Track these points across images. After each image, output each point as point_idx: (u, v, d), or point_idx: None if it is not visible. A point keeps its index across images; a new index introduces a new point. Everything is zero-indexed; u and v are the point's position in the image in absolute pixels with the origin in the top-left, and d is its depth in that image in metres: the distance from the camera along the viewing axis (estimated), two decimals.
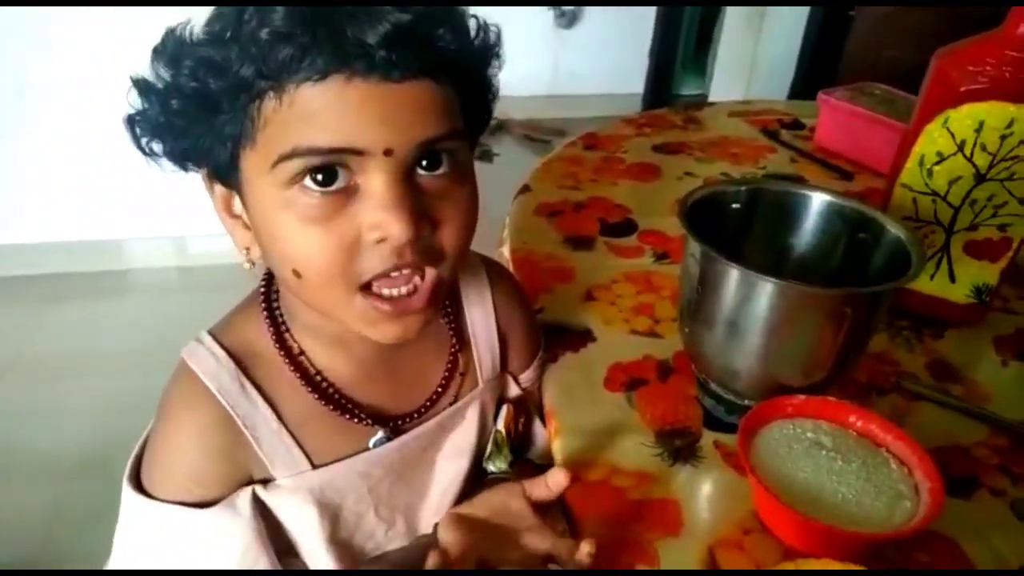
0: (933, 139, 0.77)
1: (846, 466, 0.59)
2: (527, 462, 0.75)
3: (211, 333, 0.58)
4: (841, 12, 2.74)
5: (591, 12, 3.63)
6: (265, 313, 0.58)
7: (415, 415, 0.64)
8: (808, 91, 1.45)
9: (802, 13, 3.00)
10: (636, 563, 0.57)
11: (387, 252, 0.48)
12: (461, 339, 0.67)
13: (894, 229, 0.66)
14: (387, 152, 0.45)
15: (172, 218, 2.42)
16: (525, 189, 1.14)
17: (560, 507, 0.64)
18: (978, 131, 0.73)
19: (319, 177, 0.46)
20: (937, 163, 0.77)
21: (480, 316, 0.69)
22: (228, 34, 0.44)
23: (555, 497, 0.60)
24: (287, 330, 0.59)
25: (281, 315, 0.59)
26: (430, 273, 0.51)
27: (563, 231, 1.02)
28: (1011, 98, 0.71)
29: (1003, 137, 0.73)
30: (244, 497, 0.56)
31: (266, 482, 0.58)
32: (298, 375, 0.58)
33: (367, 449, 0.61)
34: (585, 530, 0.60)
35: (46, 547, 1.57)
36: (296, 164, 0.45)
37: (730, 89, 3.40)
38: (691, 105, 1.54)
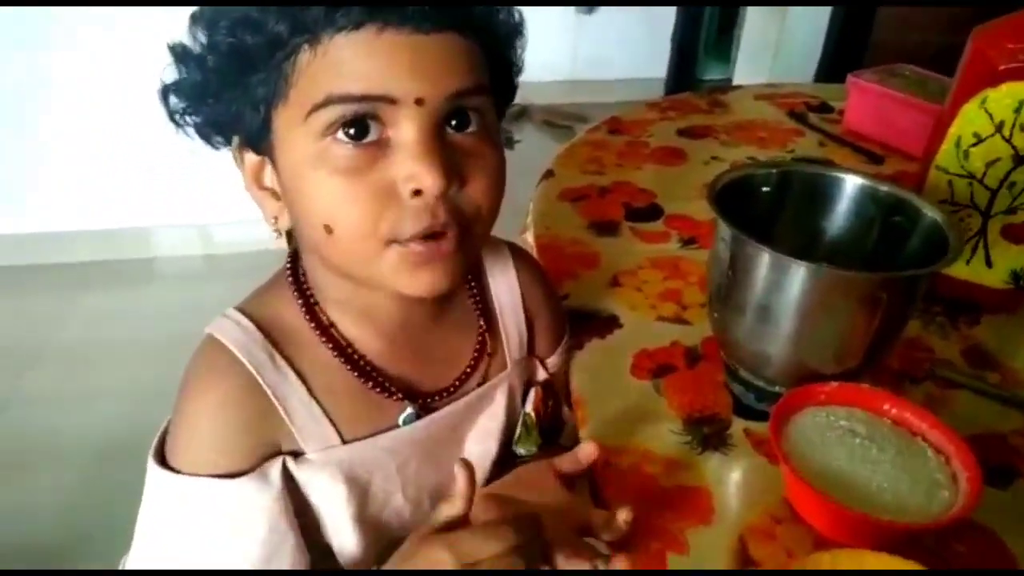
0: (970, 120, 0.75)
1: (881, 455, 0.57)
2: (557, 446, 0.74)
3: (239, 308, 0.58)
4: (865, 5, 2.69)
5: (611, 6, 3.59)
6: (293, 287, 0.58)
7: (444, 394, 0.63)
8: (833, 75, 1.43)
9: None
10: (666, 551, 0.56)
11: (421, 208, 0.48)
12: (489, 320, 0.67)
13: (930, 212, 0.65)
14: (419, 101, 0.46)
15: (198, 206, 2.44)
16: (549, 174, 1.12)
17: (589, 491, 0.63)
18: (1018, 111, 0.71)
19: (352, 131, 0.47)
20: (974, 144, 0.75)
21: (507, 298, 0.68)
22: (238, 18, 0.46)
23: (584, 470, 0.60)
24: (316, 303, 0.59)
25: (309, 289, 0.59)
26: (458, 228, 0.51)
27: (587, 216, 1.01)
28: None
29: None
30: (275, 468, 0.55)
31: (295, 456, 0.57)
32: (330, 346, 0.58)
33: (396, 426, 0.61)
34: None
35: (74, 532, 1.59)
36: (330, 113, 0.46)
37: (754, 74, 3.36)
38: (716, 88, 1.52)
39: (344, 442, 0.58)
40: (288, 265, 0.60)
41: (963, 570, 0.56)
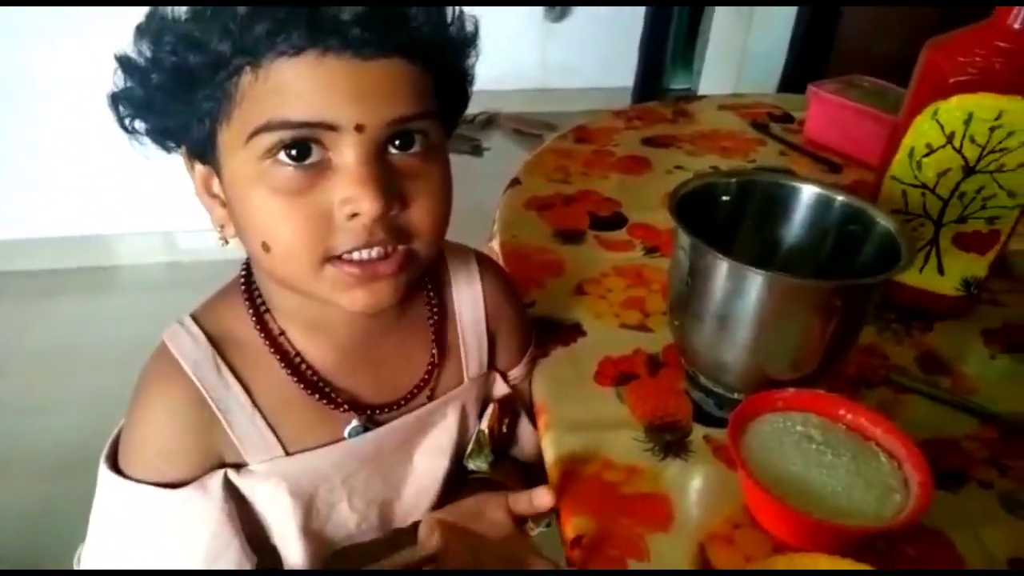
0: (923, 131, 0.76)
1: (836, 459, 0.58)
2: (510, 460, 0.74)
3: (193, 316, 0.58)
4: (830, 6, 2.74)
5: (580, 6, 3.62)
6: (245, 296, 0.58)
7: (394, 407, 0.63)
8: (798, 84, 1.45)
9: (791, 8, 3.01)
10: (627, 557, 0.57)
11: (358, 228, 0.48)
12: (443, 333, 0.67)
13: (884, 221, 0.66)
14: (358, 128, 0.46)
15: (162, 213, 2.41)
16: (515, 183, 1.13)
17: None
18: (967, 123, 0.73)
19: (293, 152, 0.47)
20: (926, 155, 0.77)
21: (469, 311, 0.68)
22: (208, 11, 0.46)
23: (536, 514, 0.62)
24: (267, 311, 0.59)
25: (261, 299, 0.59)
26: (401, 248, 0.51)
27: (553, 225, 1.02)
28: (1000, 89, 0.71)
29: (992, 129, 0.73)
30: (216, 479, 0.56)
31: (239, 467, 0.58)
32: (277, 356, 0.58)
33: (343, 439, 0.61)
34: (576, 525, 0.59)
35: (36, 544, 1.56)
36: (270, 138, 0.46)
37: (720, 82, 3.41)
38: (681, 98, 1.54)
39: (288, 454, 0.59)
40: (242, 274, 0.60)
41: (915, 570, 0.58)
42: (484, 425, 0.68)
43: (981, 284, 0.83)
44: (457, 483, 0.68)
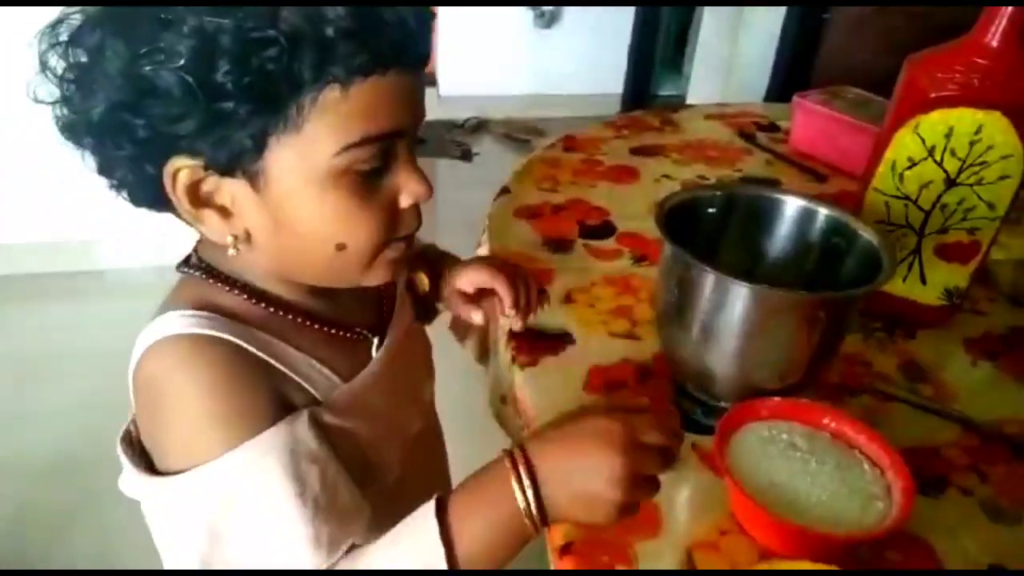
0: (904, 144, 0.78)
1: (820, 467, 0.60)
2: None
3: (171, 310, 0.56)
4: (815, 15, 2.77)
5: (570, 13, 3.64)
6: (213, 280, 0.58)
7: (384, 324, 0.68)
8: (785, 93, 1.47)
9: (778, 16, 3.04)
10: (615, 564, 0.58)
11: (413, 213, 0.56)
12: None
13: (866, 234, 0.68)
14: (411, 131, 0.54)
15: (149, 218, 2.40)
16: (504, 191, 1.14)
17: None
18: (948, 137, 0.75)
19: (377, 163, 0.52)
20: (908, 168, 0.79)
21: None
22: (278, 29, 0.45)
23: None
24: (244, 284, 0.58)
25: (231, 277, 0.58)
26: None
27: (542, 233, 1.03)
28: (979, 105, 0.73)
29: (972, 143, 0.74)
30: (302, 417, 0.55)
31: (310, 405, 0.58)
32: (280, 311, 0.58)
33: (370, 358, 0.65)
34: (565, 532, 0.60)
35: (20, 549, 1.55)
36: (364, 151, 0.51)
37: (708, 90, 3.43)
38: (668, 107, 1.55)
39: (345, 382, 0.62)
40: (190, 270, 0.60)
41: (906, 571, 0.59)
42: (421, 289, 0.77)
43: (963, 293, 0.85)
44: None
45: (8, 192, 2.29)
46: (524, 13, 3.59)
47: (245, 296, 0.57)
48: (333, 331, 0.61)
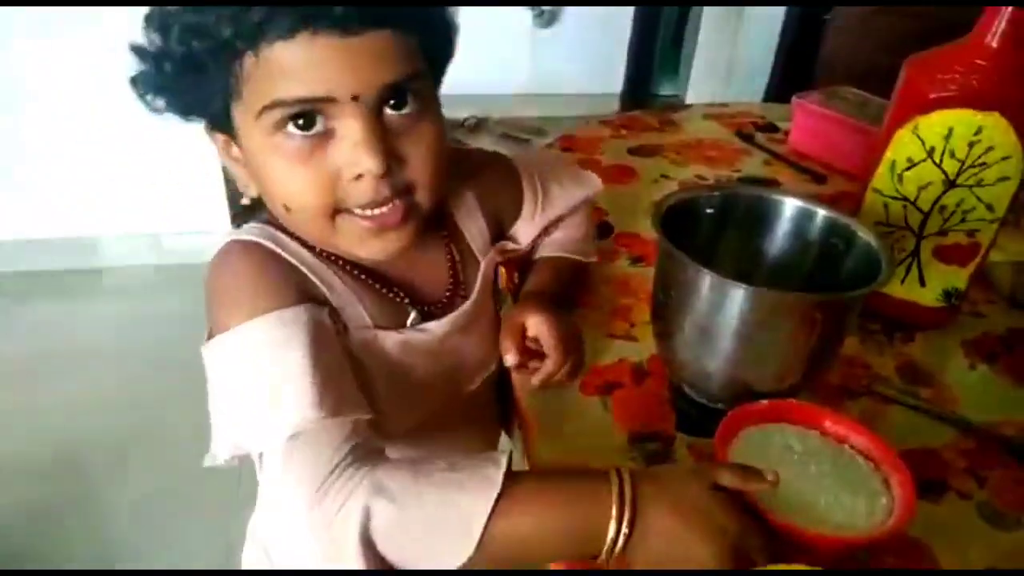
0: (904, 145, 0.78)
1: (819, 468, 0.59)
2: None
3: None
4: (815, 15, 2.77)
5: (569, 12, 3.64)
6: (282, 232, 0.63)
7: (437, 306, 0.70)
8: (784, 93, 1.47)
9: (778, 16, 3.03)
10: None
11: (364, 188, 0.55)
12: (457, 239, 0.74)
13: (864, 235, 0.67)
14: (354, 97, 0.52)
15: (147, 215, 2.40)
16: None
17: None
18: (947, 138, 0.75)
19: (300, 122, 0.53)
20: (907, 169, 0.78)
21: (469, 220, 0.76)
22: (180, 20, 0.51)
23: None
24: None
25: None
26: (404, 201, 0.58)
27: None
28: (979, 106, 0.72)
29: (971, 144, 0.74)
30: (326, 312, 0.61)
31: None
32: (332, 258, 0.63)
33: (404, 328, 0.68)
34: None
35: (16, 547, 1.55)
36: (276, 114, 0.52)
37: (708, 90, 3.43)
38: (667, 107, 1.55)
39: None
40: (264, 223, 0.64)
41: (909, 570, 0.59)
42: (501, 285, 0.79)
43: (962, 295, 0.84)
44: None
45: (5, 189, 2.29)
46: (523, 12, 3.58)
47: (301, 244, 0.63)
48: (375, 284, 0.65)
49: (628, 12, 3.68)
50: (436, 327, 0.69)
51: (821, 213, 0.71)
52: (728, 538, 0.50)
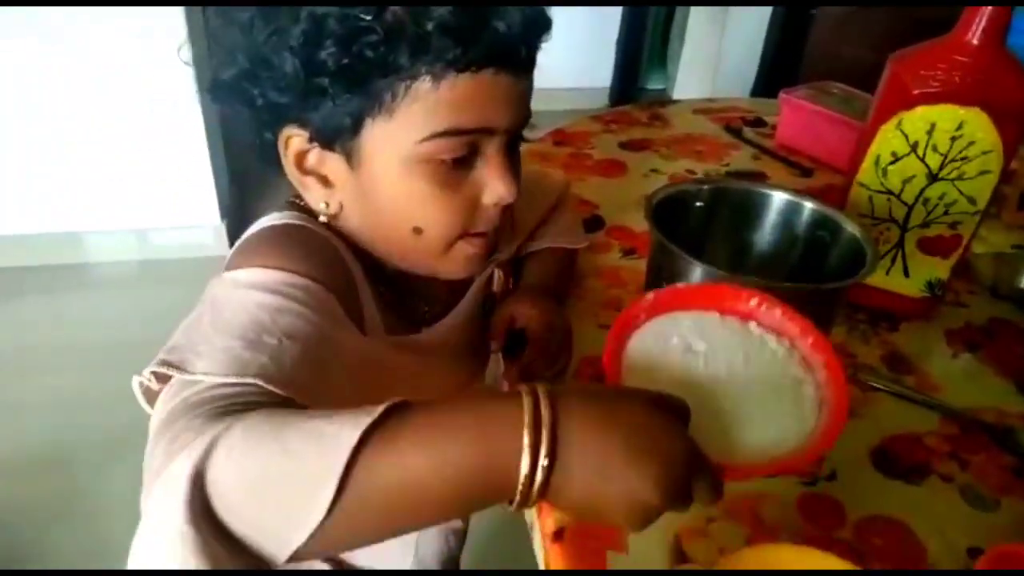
0: (888, 140, 0.80)
1: (729, 369, 0.50)
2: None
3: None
4: (802, 11, 2.79)
5: (558, 7, 3.64)
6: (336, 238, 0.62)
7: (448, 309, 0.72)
8: (771, 87, 1.49)
9: (765, 11, 3.06)
10: (606, 549, 0.59)
11: (494, 214, 0.59)
12: None
13: (850, 227, 0.69)
14: (507, 131, 0.56)
15: (133, 210, 2.39)
16: None
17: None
18: (930, 133, 0.77)
19: (462, 155, 0.55)
20: (892, 163, 0.80)
21: None
22: (389, 16, 0.49)
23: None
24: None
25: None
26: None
27: None
28: (961, 101, 0.74)
29: (953, 139, 0.76)
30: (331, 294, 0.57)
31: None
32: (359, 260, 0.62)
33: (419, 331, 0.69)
34: (557, 518, 0.61)
35: (3, 544, 1.55)
36: (449, 142, 0.54)
37: (696, 84, 3.45)
38: (656, 102, 1.56)
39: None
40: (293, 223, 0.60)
41: (900, 571, 0.60)
42: (496, 287, 0.80)
43: (944, 286, 0.86)
44: None
45: None
46: None
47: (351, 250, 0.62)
48: (385, 291, 0.65)
49: (617, 7, 3.70)
50: (435, 331, 0.71)
51: (808, 206, 0.73)
52: (675, 468, 0.40)
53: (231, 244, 0.61)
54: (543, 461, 0.39)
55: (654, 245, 0.69)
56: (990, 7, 0.72)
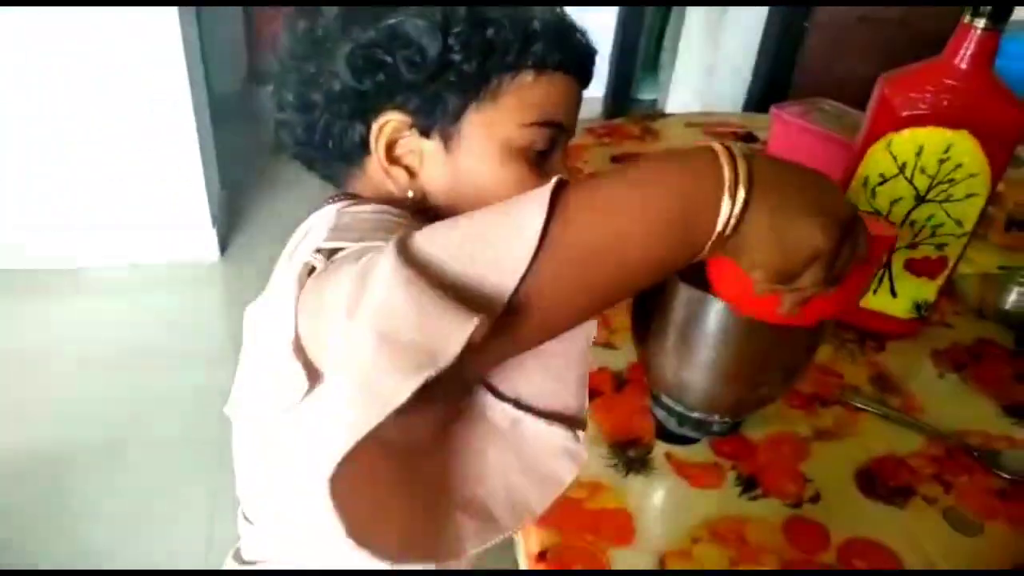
0: (876, 161, 0.80)
1: None
2: None
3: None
4: (796, 23, 2.81)
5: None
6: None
7: None
8: (764, 100, 1.49)
9: (759, 24, 3.07)
10: (589, 568, 0.59)
11: None
12: None
13: None
14: (570, 134, 0.62)
15: (124, 216, 2.38)
16: None
17: None
18: (918, 155, 0.77)
19: (548, 147, 0.60)
20: (880, 184, 0.81)
21: None
22: (497, 24, 0.56)
23: None
24: None
25: None
26: None
27: None
28: (949, 124, 0.75)
29: (941, 161, 0.76)
30: None
31: None
32: None
33: None
34: (540, 539, 0.61)
35: None
36: (543, 131, 0.59)
37: (689, 94, 3.46)
38: (648, 116, 1.57)
39: None
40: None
41: (900, 571, 0.61)
42: None
43: (931, 307, 0.87)
44: None
45: None
46: None
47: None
48: None
49: (611, 16, 3.71)
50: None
51: None
52: (840, 219, 0.43)
53: (221, 251, 0.60)
54: (741, 194, 0.41)
55: None
56: (979, 30, 0.72)
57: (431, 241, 0.41)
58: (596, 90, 3.88)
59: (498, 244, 0.41)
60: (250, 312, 0.64)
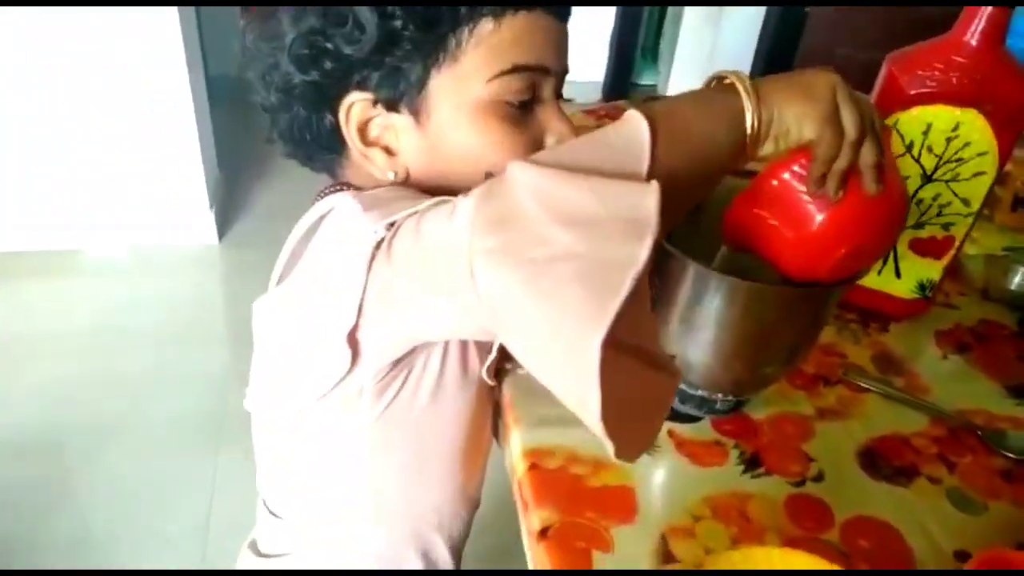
0: None
1: None
2: None
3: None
4: (796, 9, 2.79)
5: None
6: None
7: None
8: None
9: (760, 9, 3.05)
10: (592, 548, 0.59)
11: None
12: None
13: None
14: (557, 72, 0.59)
15: (124, 198, 2.37)
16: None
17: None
18: (925, 134, 0.76)
19: (525, 96, 0.57)
20: None
21: None
22: None
23: None
24: None
25: None
26: None
27: None
28: (957, 102, 0.74)
29: (948, 140, 0.75)
30: None
31: None
32: None
33: None
34: (542, 517, 0.61)
35: None
36: (515, 80, 0.56)
37: (689, 80, 3.44)
38: (650, 98, 1.55)
39: None
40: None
41: (890, 571, 0.60)
42: None
43: (935, 287, 0.86)
44: None
45: None
46: None
47: None
48: None
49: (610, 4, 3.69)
50: None
51: None
52: (827, 70, 0.56)
53: (219, 234, 0.60)
54: (756, 111, 0.51)
55: None
56: (989, 8, 0.71)
57: (547, 162, 0.43)
58: (595, 75, 3.86)
59: (615, 152, 0.45)
60: (260, 306, 0.63)
